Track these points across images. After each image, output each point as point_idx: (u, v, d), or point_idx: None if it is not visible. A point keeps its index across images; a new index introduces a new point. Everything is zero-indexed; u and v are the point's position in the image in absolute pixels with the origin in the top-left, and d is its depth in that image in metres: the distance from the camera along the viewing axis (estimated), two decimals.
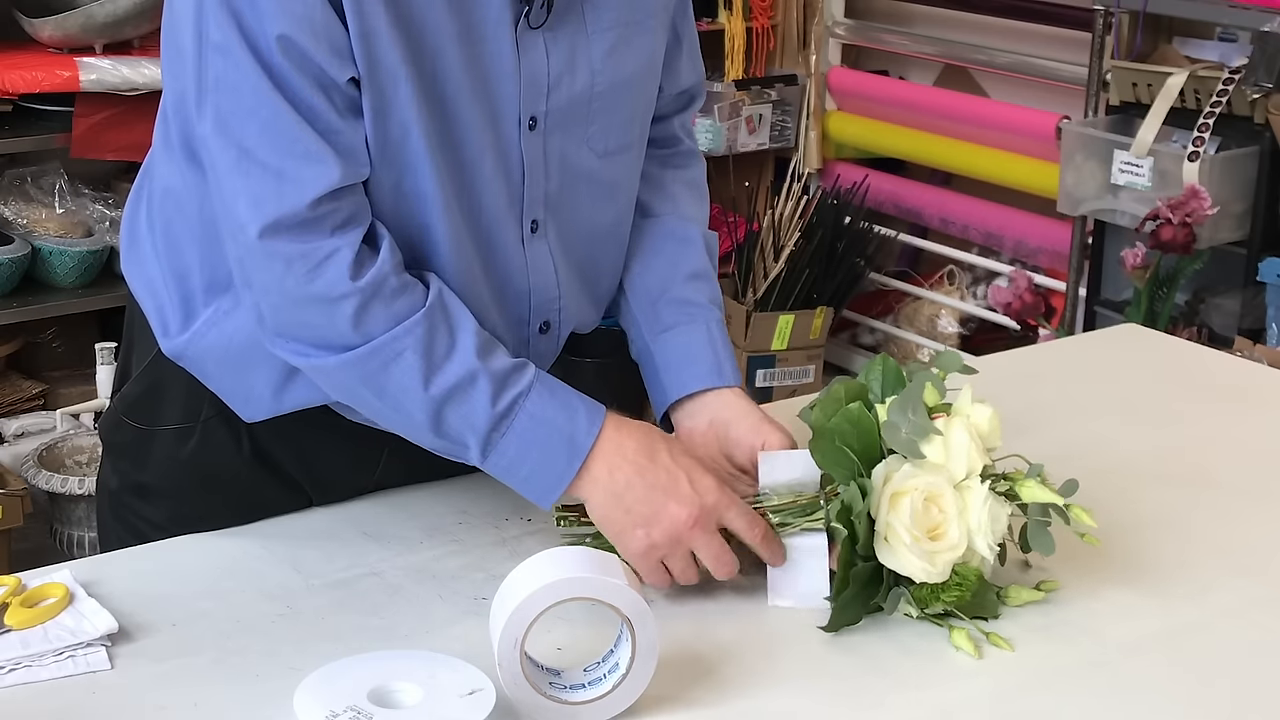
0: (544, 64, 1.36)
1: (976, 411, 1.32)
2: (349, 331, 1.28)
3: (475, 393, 1.30)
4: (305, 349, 1.31)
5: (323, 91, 1.26)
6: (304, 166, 1.26)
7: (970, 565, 1.28)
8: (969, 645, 1.25)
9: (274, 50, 1.24)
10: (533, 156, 1.38)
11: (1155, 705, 1.21)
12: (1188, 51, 3.44)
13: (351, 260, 1.27)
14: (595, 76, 1.39)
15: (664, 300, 1.50)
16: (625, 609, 1.16)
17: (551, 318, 1.45)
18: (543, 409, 1.31)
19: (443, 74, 1.30)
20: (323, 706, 1.12)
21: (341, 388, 1.34)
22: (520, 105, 1.35)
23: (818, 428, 1.32)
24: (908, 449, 1.28)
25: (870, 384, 1.35)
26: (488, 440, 1.30)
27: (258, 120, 1.25)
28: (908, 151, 4.17)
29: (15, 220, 3.36)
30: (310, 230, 1.26)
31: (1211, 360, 1.98)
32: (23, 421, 3.46)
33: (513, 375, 1.31)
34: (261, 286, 1.30)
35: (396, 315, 1.29)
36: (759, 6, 4.28)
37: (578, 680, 1.18)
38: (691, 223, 1.54)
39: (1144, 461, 1.62)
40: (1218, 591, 1.37)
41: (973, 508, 1.27)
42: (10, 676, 1.19)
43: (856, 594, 1.27)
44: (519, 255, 1.40)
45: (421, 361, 1.29)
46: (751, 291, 4.02)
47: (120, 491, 1.51)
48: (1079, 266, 3.63)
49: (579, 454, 1.31)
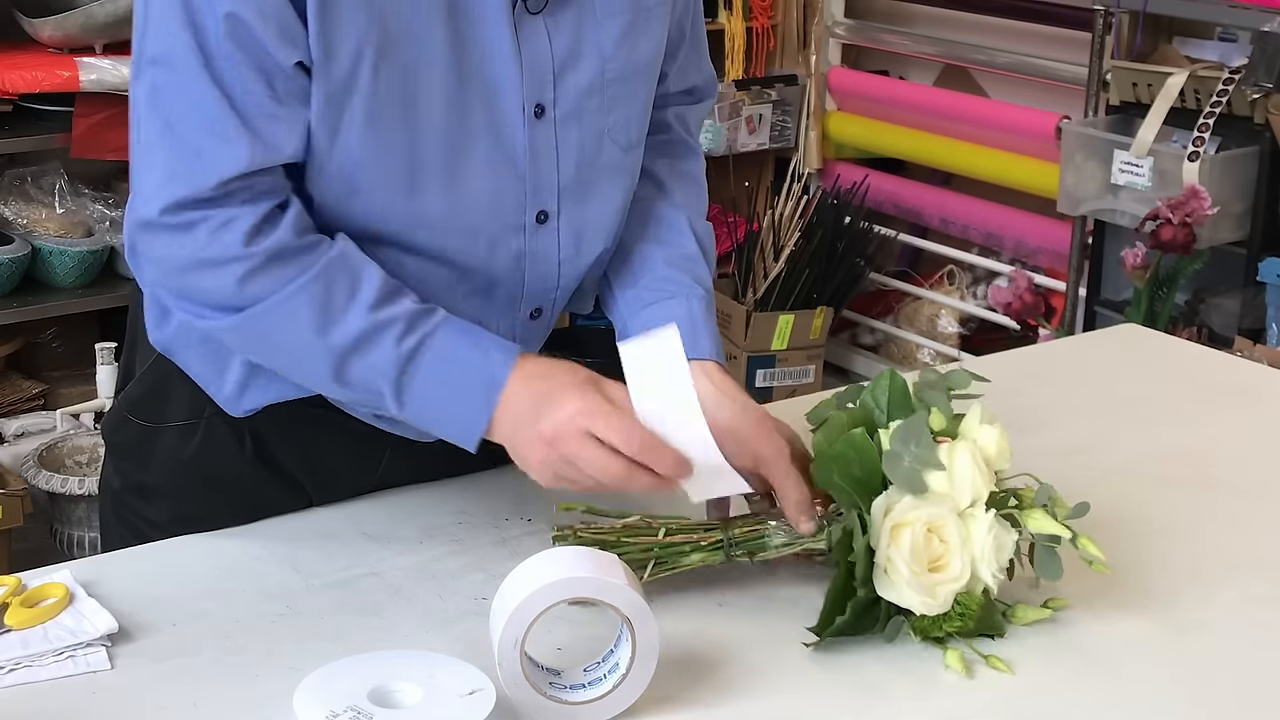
0: (546, 49, 1.34)
1: (983, 434, 1.28)
2: (237, 294, 1.27)
3: (380, 339, 1.28)
4: (200, 309, 1.30)
5: (262, 74, 1.25)
6: (220, 147, 1.25)
7: (973, 594, 1.25)
8: (960, 666, 1.23)
9: (220, 28, 1.23)
10: (540, 145, 1.36)
11: (1158, 707, 1.21)
12: (1188, 51, 3.44)
13: (249, 227, 1.26)
14: (606, 63, 1.37)
15: (645, 281, 1.46)
16: (625, 609, 1.16)
17: (545, 305, 1.44)
18: (453, 347, 1.29)
19: (426, 59, 1.28)
20: (322, 706, 1.12)
21: (242, 346, 1.34)
22: (523, 92, 1.34)
23: (820, 452, 1.30)
24: (910, 481, 1.25)
25: (876, 399, 1.32)
26: (398, 384, 1.28)
27: (187, 97, 1.25)
28: (908, 151, 4.17)
29: (15, 220, 3.36)
30: (213, 205, 1.26)
31: (1211, 360, 1.98)
32: (23, 421, 3.46)
33: (420, 318, 1.29)
34: (153, 253, 1.30)
35: (288, 276, 1.27)
36: (759, 6, 4.28)
37: (578, 680, 1.18)
38: (681, 210, 1.50)
39: (1144, 461, 1.62)
40: (1219, 591, 1.37)
41: (976, 536, 1.24)
42: (10, 676, 1.19)
43: (851, 623, 1.25)
44: (516, 244, 1.38)
45: (318, 316, 1.27)
46: (751, 291, 4.02)
47: (122, 492, 1.51)
48: (1079, 266, 3.63)
49: (495, 388, 1.28)
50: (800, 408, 1.42)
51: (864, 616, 1.26)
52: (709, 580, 1.33)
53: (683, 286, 1.44)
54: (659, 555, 1.31)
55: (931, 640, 1.26)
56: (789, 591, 1.34)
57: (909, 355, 4.20)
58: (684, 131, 1.56)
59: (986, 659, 1.25)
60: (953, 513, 1.24)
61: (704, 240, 1.50)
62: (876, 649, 1.26)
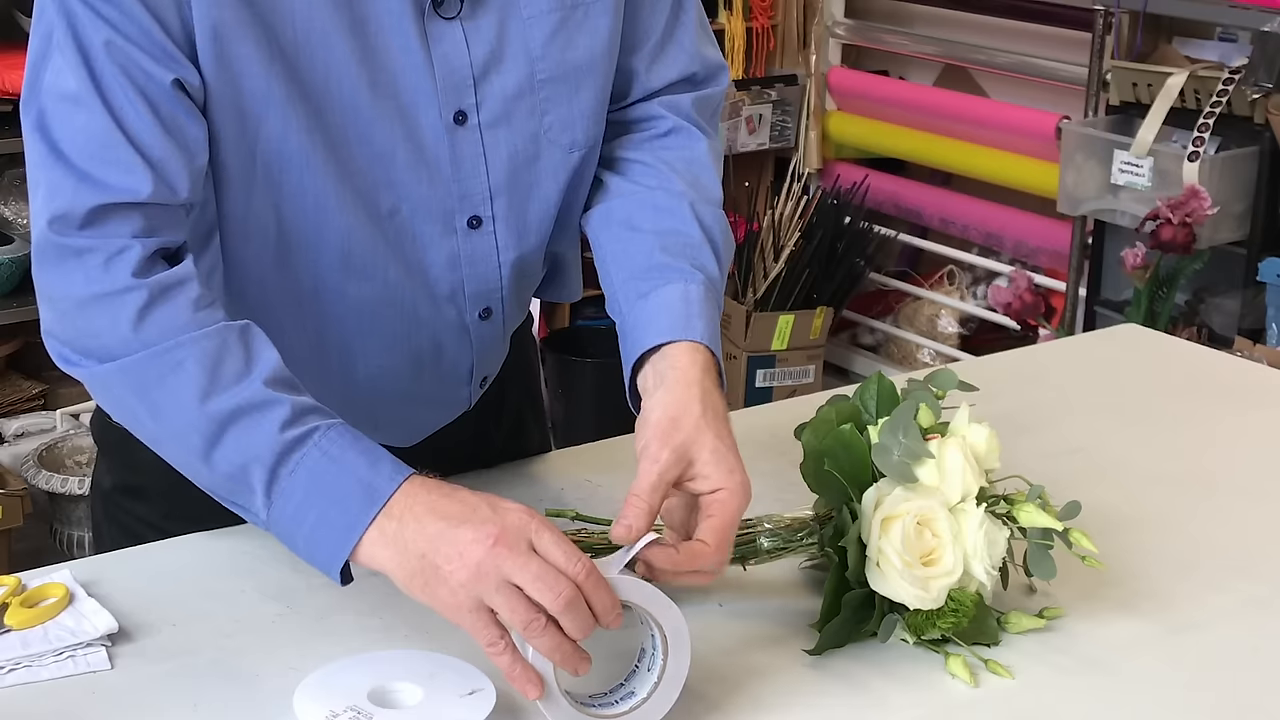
0: (464, 55, 1.30)
1: (973, 432, 1.28)
2: (129, 333, 1.18)
3: (265, 417, 1.16)
4: (86, 360, 1.22)
5: (145, 99, 1.21)
6: (112, 173, 1.20)
7: (967, 591, 1.25)
8: (965, 673, 1.22)
9: (101, 54, 1.20)
10: (465, 153, 1.33)
11: (1156, 708, 1.21)
12: (1188, 51, 3.44)
13: (142, 258, 1.20)
14: (536, 64, 1.33)
15: (642, 272, 1.35)
16: (667, 627, 1.14)
17: (493, 305, 1.41)
18: (342, 449, 1.16)
19: (333, 71, 1.26)
20: (322, 707, 1.12)
21: (118, 402, 1.24)
22: (439, 99, 1.30)
23: (809, 449, 1.29)
24: (899, 473, 1.25)
25: (864, 404, 1.31)
26: (273, 475, 1.15)
27: (74, 124, 1.21)
28: (908, 151, 4.17)
29: (15, 220, 3.36)
30: (104, 227, 1.20)
31: (1211, 360, 1.98)
32: (23, 421, 3.46)
33: (313, 411, 1.18)
34: (51, 288, 1.24)
35: (184, 325, 1.19)
36: (759, 6, 4.29)
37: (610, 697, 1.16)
38: (680, 197, 1.39)
39: (1143, 461, 1.62)
40: (1217, 592, 1.37)
41: (968, 532, 1.23)
42: (10, 676, 1.19)
43: (847, 620, 1.25)
44: (448, 250, 1.36)
45: (204, 376, 1.17)
46: (751, 291, 4.03)
47: (113, 491, 1.51)
48: (1079, 266, 3.63)
49: (377, 499, 1.13)
50: (800, 408, 1.42)
51: (860, 616, 1.26)
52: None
53: (680, 272, 1.33)
54: None
55: (928, 645, 1.26)
56: (789, 592, 1.34)
57: (909, 355, 4.21)
58: (681, 118, 1.45)
59: (986, 663, 1.25)
60: (943, 506, 1.24)
61: (709, 226, 1.38)
62: (875, 654, 1.26)
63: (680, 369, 1.26)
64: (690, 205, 1.38)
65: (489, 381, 1.50)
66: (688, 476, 1.21)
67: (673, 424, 1.22)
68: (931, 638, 1.26)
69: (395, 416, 1.45)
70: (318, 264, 1.33)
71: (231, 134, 1.26)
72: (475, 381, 1.47)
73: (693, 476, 1.21)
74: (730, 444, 1.23)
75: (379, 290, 1.36)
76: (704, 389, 1.25)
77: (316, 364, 1.37)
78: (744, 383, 4.05)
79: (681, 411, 1.22)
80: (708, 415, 1.23)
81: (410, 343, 1.40)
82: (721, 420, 1.24)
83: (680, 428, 1.21)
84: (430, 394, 1.46)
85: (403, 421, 1.47)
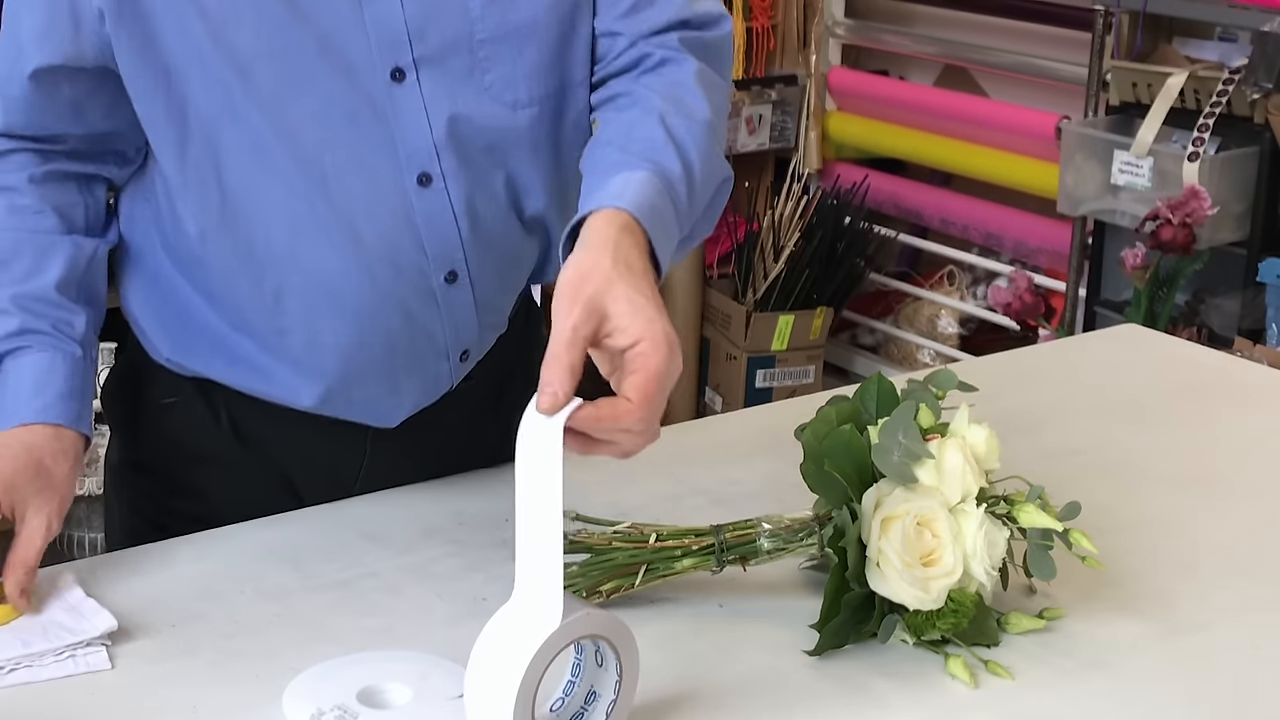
0: (398, 12, 1.32)
1: (973, 432, 1.28)
2: None
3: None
4: None
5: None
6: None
7: (967, 591, 1.25)
8: (965, 674, 1.22)
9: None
10: (405, 108, 1.34)
11: (1156, 709, 1.21)
12: (1188, 51, 3.44)
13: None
14: (475, 23, 1.34)
15: (598, 176, 1.28)
16: (607, 632, 1.11)
17: (457, 268, 1.40)
18: (25, 365, 1.35)
19: (264, 30, 1.29)
20: (310, 705, 1.12)
21: None
22: (374, 56, 1.32)
23: (809, 449, 1.29)
24: (899, 473, 1.25)
25: (864, 404, 1.31)
26: None
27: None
28: (908, 151, 4.17)
29: None
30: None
31: (1211, 360, 1.98)
32: None
33: (38, 334, 1.36)
34: None
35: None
36: (759, 6, 4.28)
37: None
38: (650, 112, 1.34)
39: (1144, 462, 1.62)
40: (1218, 592, 1.37)
41: (968, 532, 1.23)
42: (10, 676, 1.19)
43: (847, 621, 1.25)
44: (402, 208, 1.36)
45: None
46: (751, 292, 4.03)
47: (120, 466, 1.56)
48: (1079, 267, 3.63)
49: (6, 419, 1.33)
50: (800, 408, 1.42)
51: (860, 617, 1.26)
52: (709, 581, 1.33)
53: (629, 165, 1.27)
54: (650, 561, 1.30)
55: (928, 646, 1.26)
56: (789, 592, 1.34)
57: (909, 356, 4.21)
58: (671, 51, 1.40)
59: (986, 664, 1.25)
60: (943, 507, 1.24)
61: (676, 131, 1.32)
62: (875, 655, 1.26)
63: (595, 229, 1.20)
64: (660, 116, 1.33)
65: (471, 357, 1.47)
66: (604, 332, 1.14)
67: (582, 278, 1.15)
68: (931, 638, 1.26)
69: (370, 393, 1.45)
70: (268, 224, 1.35)
71: (159, 92, 1.33)
72: (454, 356, 1.46)
73: (609, 332, 1.14)
74: (649, 296, 1.15)
75: (334, 254, 1.36)
76: (617, 244, 1.18)
77: (278, 333, 1.40)
78: (744, 383, 4.06)
79: (591, 266, 1.16)
80: (619, 267, 1.16)
81: (376, 311, 1.39)
82: (638, 274, 1.17)
83: (590, 279, 1.14)
84: (405, 367, 1.44)
85: (379, 398, 1.46)
